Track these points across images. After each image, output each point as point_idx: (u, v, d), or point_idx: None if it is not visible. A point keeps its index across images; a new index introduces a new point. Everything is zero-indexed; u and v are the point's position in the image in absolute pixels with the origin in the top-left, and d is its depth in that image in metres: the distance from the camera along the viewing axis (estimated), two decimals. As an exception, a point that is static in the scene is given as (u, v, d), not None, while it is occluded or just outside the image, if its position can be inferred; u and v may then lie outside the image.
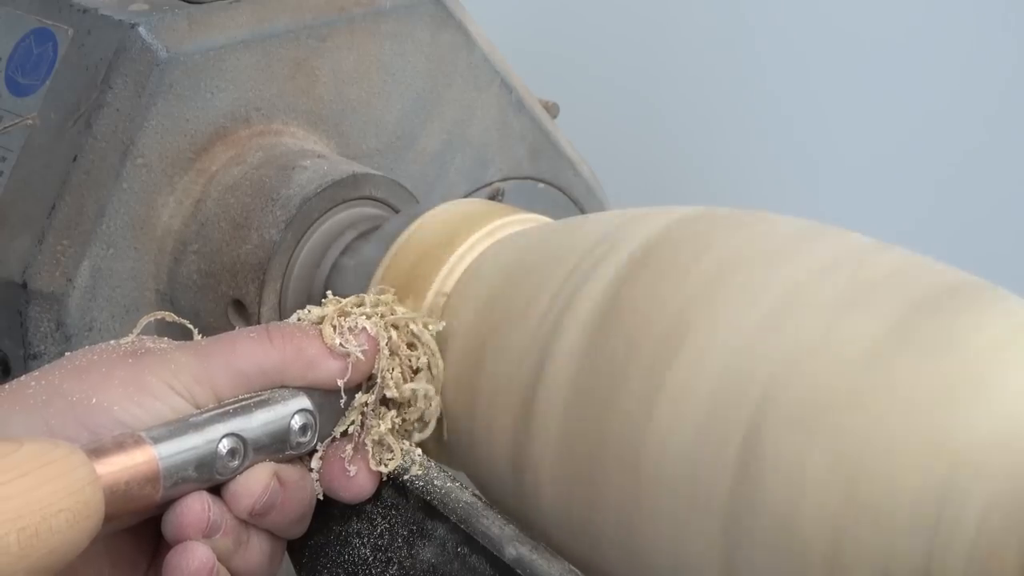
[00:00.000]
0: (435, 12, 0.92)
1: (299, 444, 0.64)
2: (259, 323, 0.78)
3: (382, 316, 0.67)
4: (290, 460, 0.64)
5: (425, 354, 0.67)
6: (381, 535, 0.65)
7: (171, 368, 0.62)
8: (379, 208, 0.83)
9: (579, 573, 0.61)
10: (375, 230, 0.79)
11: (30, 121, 0.85)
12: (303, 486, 0.64)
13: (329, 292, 0.68)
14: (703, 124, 1.40)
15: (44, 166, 0.84)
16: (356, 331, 0.65)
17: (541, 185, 0.99)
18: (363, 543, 0.66)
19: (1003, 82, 1.32)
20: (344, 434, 0.65)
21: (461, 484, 0.65)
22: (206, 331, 0.67)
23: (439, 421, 0.69)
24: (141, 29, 0.83)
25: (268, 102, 0.87)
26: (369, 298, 0.67)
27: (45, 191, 0.83)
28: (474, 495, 0.64)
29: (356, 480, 0.65)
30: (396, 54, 0.91)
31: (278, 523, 0.64)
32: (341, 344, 0.65)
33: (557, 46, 1.38)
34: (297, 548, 0.67)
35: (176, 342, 0.65)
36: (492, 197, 0.95)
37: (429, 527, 0.64)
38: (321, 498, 0.66)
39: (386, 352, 0.66)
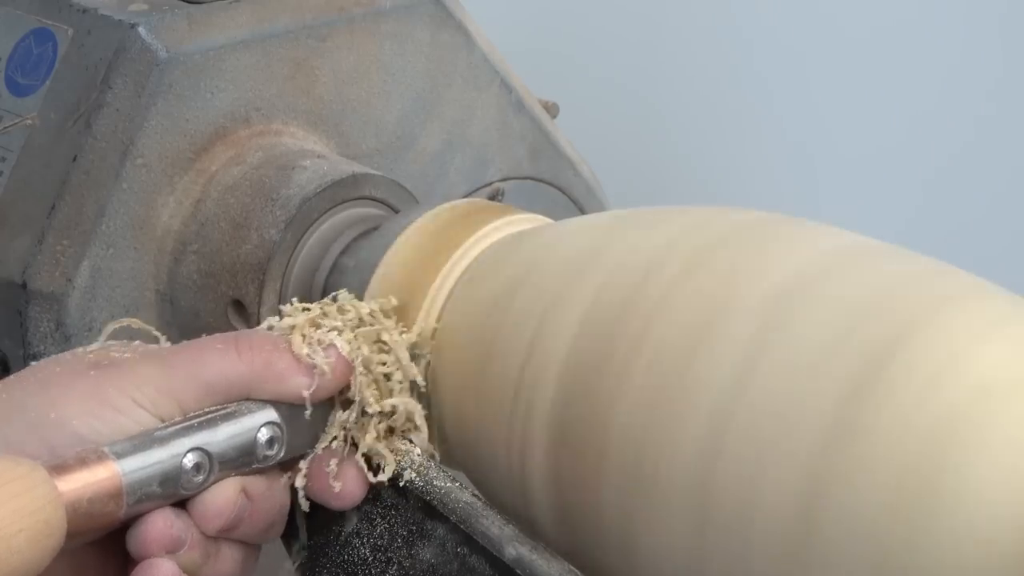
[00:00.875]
0: (435, 12, 0.92)
1: (266, 457, 0.63)
2: (259, 323, 0.77)
3: (352, 329, 0.65)
4: (257, 473, 0.63)
5: (395, 364, 0.66)
6: (381, 535, 0.65)
7: (134, 381, 0.61)
8: (379, 208, 0.83)
9: (579, 573, 0.61)
10: (375, 230, 0.79)
11: (30, 121, 0.85)
12: (270, 496, 0.63)
13: (294, 299, 0.67)
14: (703, 124, 1.40)
15: (44, 166, 0.84)
16: (325, 345, 0.64)
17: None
18: (363, 543, 0.66)
19: (995, 82, 1.32)
20: (326, 448, 0.65)
21: (461, 484, 0.64)
22: (206, 331, 0.67)
23: (440, 423, 0.69)
24: (141, 29, 0.83)
25: (268, 102, 0.87)
26: (334, 307, 0.66)
27: (45, 191, 0.83)
28: (474, 495, 0.64)
29: (343, 494, 0.64)
30: (396, 54, 0.91)
31: (247, 534, 0.63)
32: (309, 355, 0.63)
33: (557, 46, 1.38)
34: (293, 538, 0.67)
35: (144, 348, 0.64)
36: (492, 197, 0.95)
37: (429, 527, 0.64)
38: (306, 510, 0.65)
39: (360, 368, 0.65)
